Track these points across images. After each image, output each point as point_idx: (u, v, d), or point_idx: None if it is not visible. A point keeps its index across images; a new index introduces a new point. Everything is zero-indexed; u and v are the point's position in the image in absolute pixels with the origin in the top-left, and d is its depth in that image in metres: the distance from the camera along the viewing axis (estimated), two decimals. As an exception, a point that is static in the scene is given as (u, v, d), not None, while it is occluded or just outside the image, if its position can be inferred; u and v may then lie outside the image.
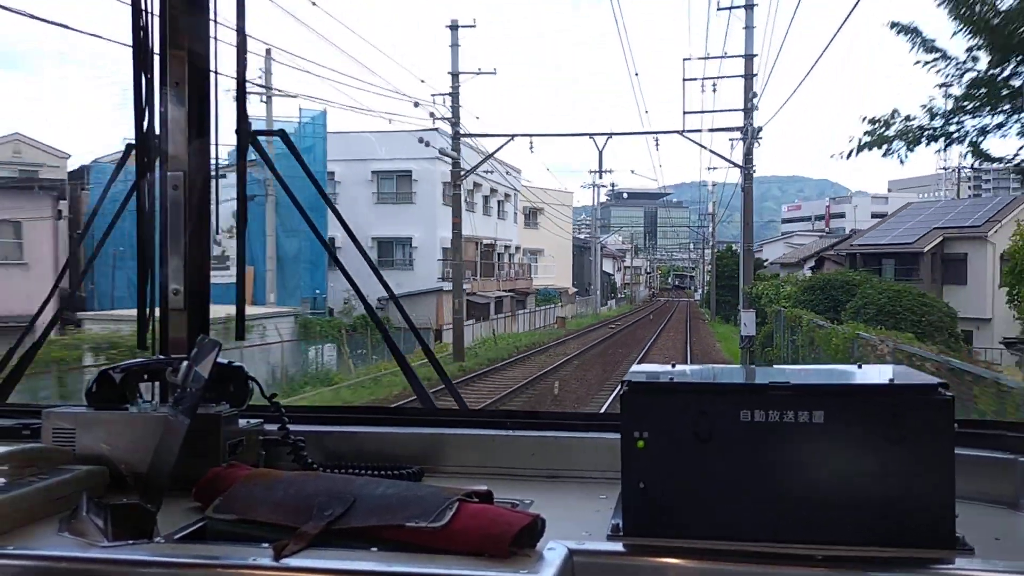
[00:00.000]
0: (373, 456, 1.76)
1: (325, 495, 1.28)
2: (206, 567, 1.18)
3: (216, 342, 1.53)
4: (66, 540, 1.26)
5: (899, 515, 1.23)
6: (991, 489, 1.49)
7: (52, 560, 1.21)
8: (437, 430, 1.82)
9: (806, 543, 1.23)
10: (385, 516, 1.21)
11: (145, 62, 1.92)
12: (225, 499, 1.35)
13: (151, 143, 1.92)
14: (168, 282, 1.89)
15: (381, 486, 1.31)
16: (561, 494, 1.59)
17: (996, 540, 1.30)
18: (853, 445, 1.24)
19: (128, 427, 1.59)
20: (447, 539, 1.17)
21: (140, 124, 1.92)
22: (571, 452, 1.71)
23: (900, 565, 1.19)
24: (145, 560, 1.20)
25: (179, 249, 1.88)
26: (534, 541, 1.19)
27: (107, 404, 1.66)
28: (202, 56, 1.92)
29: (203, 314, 1.93)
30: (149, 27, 1.91)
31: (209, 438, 1.59)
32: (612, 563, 1.25)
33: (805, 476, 1.25)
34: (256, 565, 1.15)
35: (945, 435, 1.23)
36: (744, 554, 1.22)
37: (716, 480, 1.28)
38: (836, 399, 1.26)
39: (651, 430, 1.29)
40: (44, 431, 1.62)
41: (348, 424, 1.89)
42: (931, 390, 1.25)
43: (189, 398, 1.44)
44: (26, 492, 1.36)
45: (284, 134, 2.24)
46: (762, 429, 1.26)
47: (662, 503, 1.29)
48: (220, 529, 1.32)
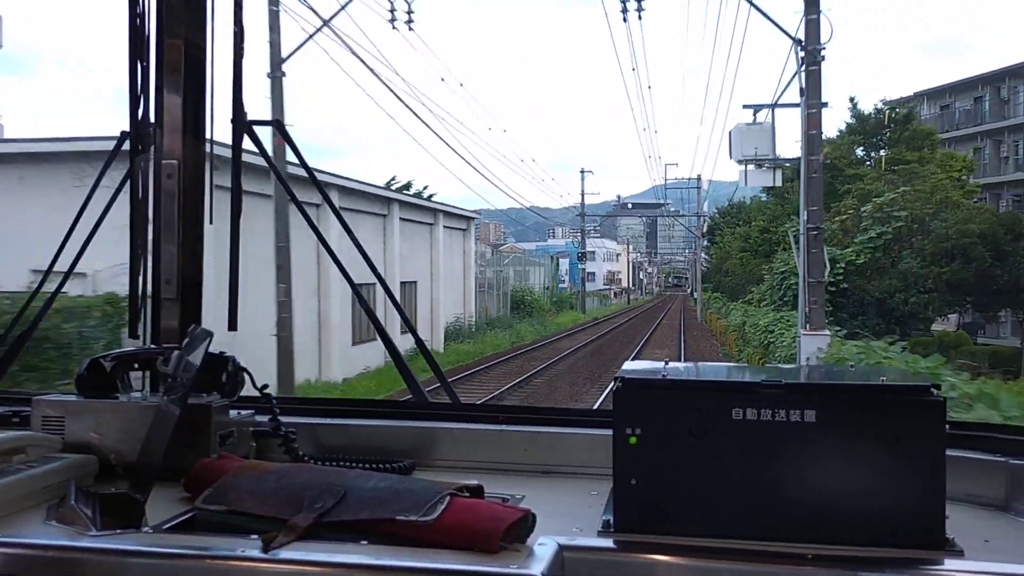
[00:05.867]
0: (365, 449, 1.76)
1: (316, 487, 1.27)
2: (195, 558, 1.18)
3: (208, 332, 1.52)
4: (54, 529, 1.26)
5: (889, 515, 1.23)
6: (981, 491, 1.49)
7: (39, 549, 1.20)
8: (429, 423, 1.81)
9: (796, 542, 1.23)
10: (376, 509, 1.21)
11: (141, 50, 1.91)
12: (215, 490, 1.34)
13: (145, 131, 1.90)
14: (161, 271, 1.88)
15: (372, 479, 1.30)
16: (552, 489, 1.59)
17: (986, 542, 1.30)
18: (844, 445, 1.24)
19: (118, 416, 1.59)
20: (437, 533, 1.16)
21: (135, 112, 1.91)
22: (563, 447, 1.71)
23: (890, 565, 1.19)
24: (133, 550, 1.19)
25: (172, 238, 1.87)
26: (525, 536, 1.18)
27: (97, 392, 1.65)
28: (199, 44, 1.91)
29: (195, 304, 1.92)
30: (146, 14, 1.90)
31: (200, 429, 1.58)
32: (602, 559, 1.25)
33: (796, 475, 1.25)
34: (245, 556, 1.15)
35: (936, 436, 1.23)
36: (734, 552, 1.22)
37: (707, 477, 1.28)
38: (828, 398, 1.26)
39: (643, 426, 1.29)
40: (33, 419, 1.61)
41: (340, 416, 1.88)
42: (923, 391, 1.25)
43: (180, 388, 1.43)
44: (14, 480, 1.36)
45: (279, 124, 2.23)
46: (754, 427, 1.26)
47: (653, 500, 1.29)
48: (209, 520, 1.31)
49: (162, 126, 1.88)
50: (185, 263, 1.89)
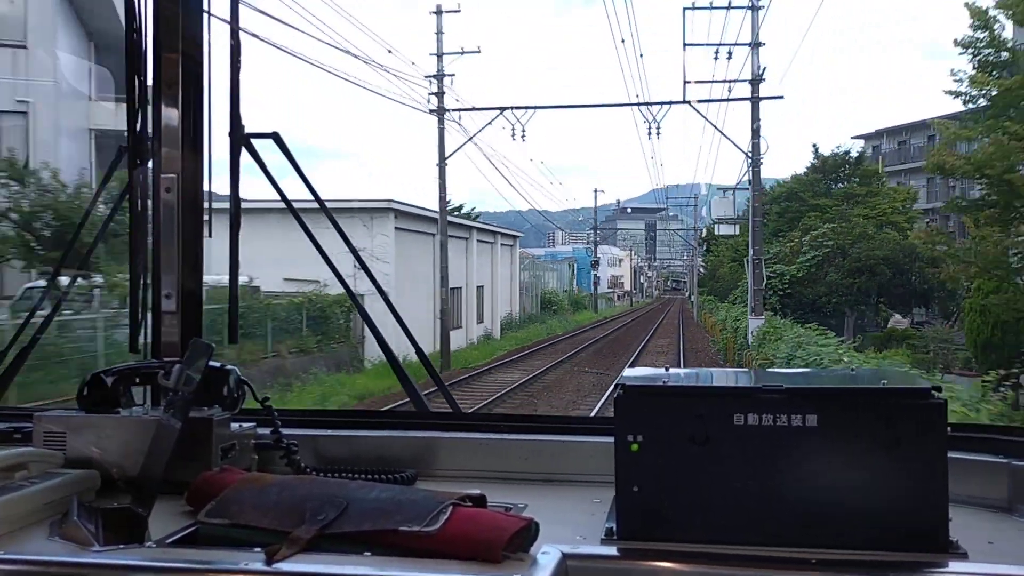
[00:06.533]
0: (366, 460, 1.75)
1: (318, 499, 1.27)
2: (198, 572, 1.17)
3: (209, 345, 1.52)
4: (57, 545, 1.25)
5: (893, 519, 1.23)
6: (984, 493, 1.49)
7: (42, 565, 1.20)
8: (431, 434, 1.81)
9: (800, 546, 1.23)
10: (378, 520, 1.21)
11: (138, 64, 1.92)
12: (217, 503, 1.34)
13: (143, 145, 1.91)
14: (160, 285, 1.88)
15: (374, 490, 1.30)
16: (555, 498, 1.59)
17: (989, 544, 1.30)
18: (847, 449, 1.24)
19: (119, 431, 1.58)
20: (441, 543, 1.16)
21: (133, 126, 1.91)
22: (565, 456, 1.71)
23: (894, 569, 1.19)
24: (136, 565, 1.19)
25: (172, 252, 1.88)
26: (528, 545, 1.18)
27: (98, 407, 1.65)
28: (196, 58, 1.92)
29: (196, 317, 1.92)
30: (143, 28, 1.91)
31: (201, 442, 1.58)
32: (606, 567, 1.25)
33: (799, 480, 1.25)
34: (248, 570, 1.15)
35: (938, 439, 1.23)
36: (738, 558, 1.22)
37: (710, 484, 1.27)
38: (829, 403, 1.26)
39: (645, 433, 1.29)
40: (35, 434, 1.61)
41: (341, 428, 1.88)
42: (924, 394, 1.25)
43: (181, 401, 1.43)
44: (16, 496, 1.35)
45: (278, 136, 2.23)
46: (755, 432, 1.26)
47: (656, 507, 1.28)
48: (212, 533, 1.31)
49: (160, 140, 1.89)
50: (185, 276, 1.89)
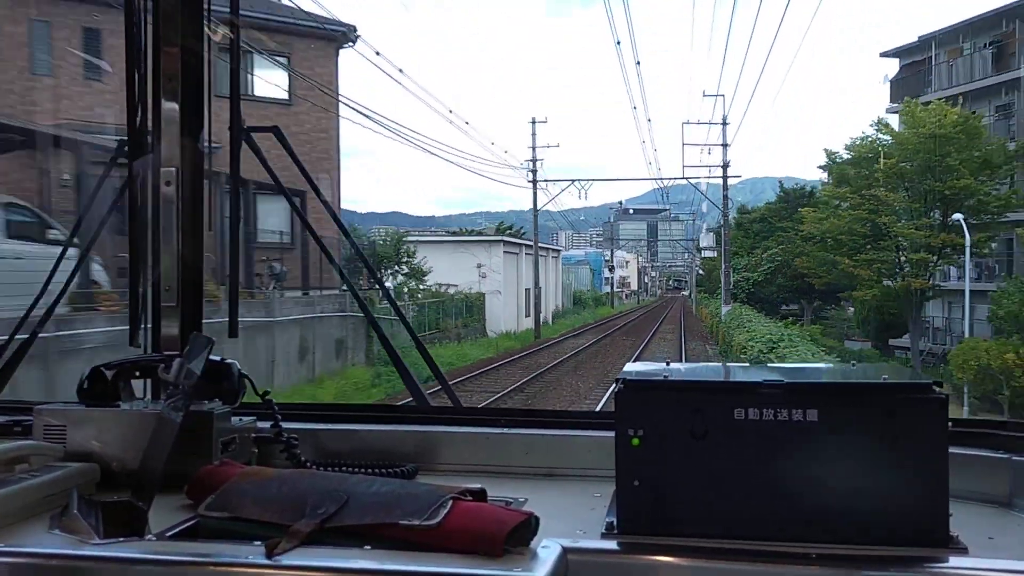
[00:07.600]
0: (367, 454, 1.75)
1: (318, 493, 1.27)
2: (198, 565, 1.17)
3: (209, 339, 1.52)
4: (57, 538, 1.25)
5: (893, 513, 1.23)
6: (984, 488, 1.49)
7: (43, 558, 1.20)
8: (431, 428, 1.81)
9: (800, 541, 1.23)
10: (379, 514, 1.21)
11: (138, 58, 1.91)
12: (217, 497, 1.34)
13: (143, 139, 1.91)
14: (161, 279, 1.88)
15: (375, 484, 1.30)
16: (555, 492, 1.59)
17: (990, 539, 1.30)
18: (847, 444, 1.24)
19: (120, 424, 1.58)
20: (441, 537, 1.16)
21: (132, 120, 1.91)
22: (565, 450, 1.71)
23: (894, 564, 1.19)
24: (136, 558, 1.19)
25: (171, 245, 1.87)
26: (528, 539, 1.18)
27: (99, 401, 1.65)
28: (196, 52, 1.91)
29: (196, 310, 1.92)
30: (142, 22, 1.90)
31: (201, 436, 1.58)
32: (606, 561, 1.25)
33: (799, 474, 1.25)
34: (248, 563, 1.15)
35: (939, 434, 1.23)
36: (738, 552, 1.22)
37: (710, 478, 1.27)
38: (830, 397, 1.26)
39: (645, 428, 1.29)
40: (35, 428, 1.61)
41: (342, 421, 1.88)
42: (925, 388, 1.25)
43: (181, 395, 1.43)
44: (16, 489, 1.35)
45: (278, 130, 2.22)
46: (756, 427, 1.26)
47: (656, 501, 1.28)
48: (212, 527, 1.31)
49: (160, 133, 1.88)
50: (185, 270, 1.89)
